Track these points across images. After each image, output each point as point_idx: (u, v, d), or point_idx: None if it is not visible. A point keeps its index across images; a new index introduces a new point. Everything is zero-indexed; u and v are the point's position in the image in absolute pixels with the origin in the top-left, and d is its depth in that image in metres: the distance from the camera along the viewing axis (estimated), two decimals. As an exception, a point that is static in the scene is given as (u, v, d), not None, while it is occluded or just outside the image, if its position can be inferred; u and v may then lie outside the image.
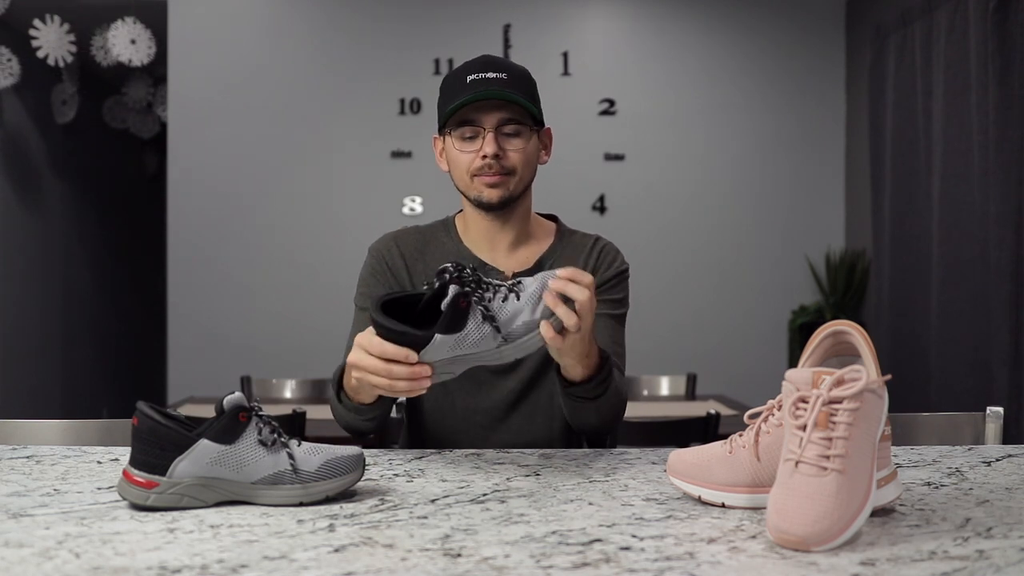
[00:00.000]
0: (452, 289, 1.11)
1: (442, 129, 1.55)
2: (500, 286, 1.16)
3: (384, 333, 1.13)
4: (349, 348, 1.47)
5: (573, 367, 1.33)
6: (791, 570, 0.78)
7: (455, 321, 1.12)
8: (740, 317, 4.83)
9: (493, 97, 1.47)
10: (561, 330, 1.16)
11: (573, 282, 1.16)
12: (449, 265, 1.13)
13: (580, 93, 4.78)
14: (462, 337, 1.12)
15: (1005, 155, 3.42)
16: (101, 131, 6.04)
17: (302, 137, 4.74)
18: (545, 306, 1.15)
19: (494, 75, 1.49)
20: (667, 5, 4.84)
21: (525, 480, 1.15)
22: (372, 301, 1.15)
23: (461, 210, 1.64)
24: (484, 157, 1.49)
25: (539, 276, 1.18)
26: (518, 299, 1.15)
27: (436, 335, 1.11)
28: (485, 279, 1.15)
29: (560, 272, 1.17)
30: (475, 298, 1.13)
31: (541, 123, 1.57)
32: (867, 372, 0.89)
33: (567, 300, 1.16)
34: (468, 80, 1.49)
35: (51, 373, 5.66)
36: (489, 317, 1.13)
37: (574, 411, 1.42)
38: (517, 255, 1.59)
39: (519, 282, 1.17)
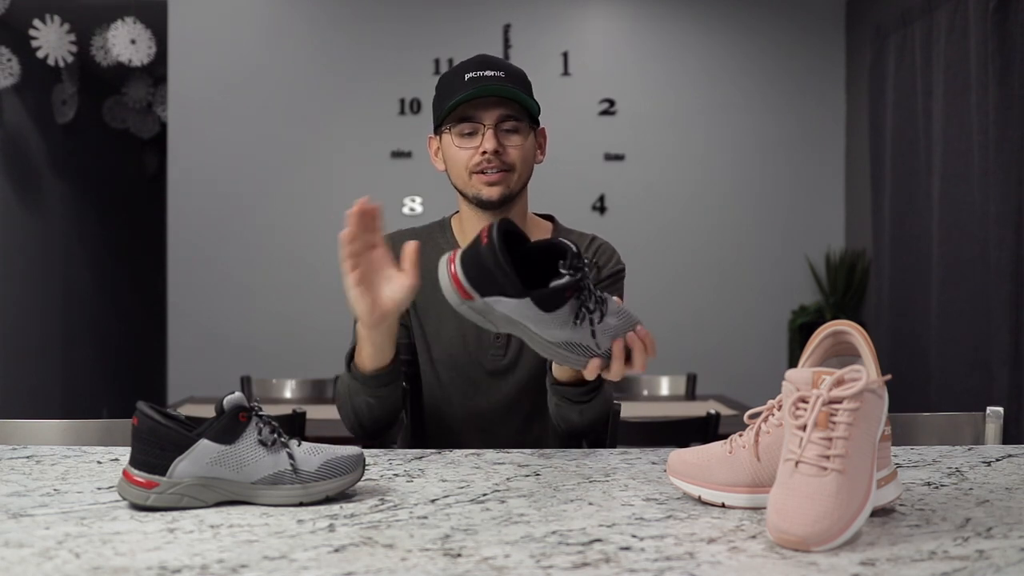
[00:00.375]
0: (569, 276, 1.09)
1: (439, 128, 1.55)
2: (600, 299, 1.15)
3: (489, 254, 1.07)
4: (348, 349, 1.48)
5: (566, 371, 1.36)
6: (791, 570, 0.78)
7: (551, 302, 1.10)
8: (740, 317, 4.83)
9: (493, 94, 1.48)
10: (600, 372, 1.18)
11: (645, 353, 1.19)
12: (572, 246, 1.11)
13: (580, 93, 4.78)
14: (542, 316, 1.11)
15: (1005, 155, 3.42)
16: (101, 131, 6.04)
17: (302, 137, 4.74)
18: (609, 348, 1.17)
19: (492, 73, 1.50)
20: (667, 5, 4.84)
21: (525, 480, 1.15)
22: (498, 221, 1.09)
23: (457, 211, 1.64)
24: (484, 153, 1.49)
25: (623, 311, 1.19)
26: (600, 320, 1.15)
27: (529, 299, 1.09)
28: (592, 288, 1.14)
29: (642, 330, 1.19)
30: (583, 296, 1.12)
31: (537, 121, 1.57)
32: (867, 372, 0.89)
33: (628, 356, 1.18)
34: (466, 78, 1.49)
35: (51, 373, 5.66)
36: (582, 319, 1.12)
37: (558, 409, 1.44)
38: None
39: (606, 300, 1.16)
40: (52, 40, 4.50)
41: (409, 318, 1.60)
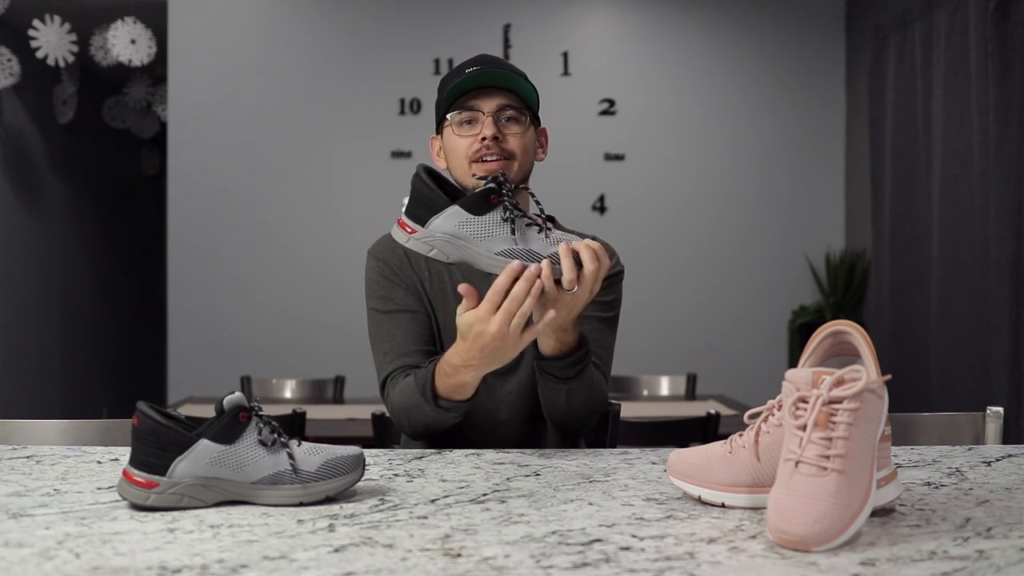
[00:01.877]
0: (490, 184, 1.20)
1: (441, 121, 1.56)
2: (529, 215, 1.24)
3: (419, 186, 1.22)
4: (381, 355, 1.51)
5: (547, 338, 1.38)
6: (791, 570, 0.78)
7: (478, 206, 1.19)
8: (740, 317, 4.83)
9: (493, 82, 1.49)
10: (556, 283, 1.22)
11: (591, 250, 1.23)
12: (500, 173, 1.22)
13: (580, 93, 4.78)
14: (475, 221, 1.19)
15: (1005, 155, 3.42)
16: (101, 131, 6.04)
17: (302, 137, 4.74)
18: (556, 252, 1.22)
19: (493, 68, 1.51)
20: (667, 5, 4.84)
21: (525, 480, 1.15)
22: (421, 166, 1.24)
23: None
24: (483, 140, 1.49)
25: (567, 234, 1.28)
26: (539, 232, 1.23)
27: (455, 205, 1.19)
28: (515, 200, 1.24)
29: (587, 240, 1.25)
30: (507, 202, 1.21)
31: (538, 119, 1.58)
32: (867, 372, 0.89)
33: (577, 263, 1.23)
34: (467, 72, 1.50)
35: (51, 373, 5.66)
36: (510, 220, 1.20)
37: (546, 393, 1.45)
38: None
39: (545, 222, 1.25)
40: (52, 40, 4.50)
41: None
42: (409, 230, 1.21)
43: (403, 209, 1.23)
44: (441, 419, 1.43)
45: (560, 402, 1.44)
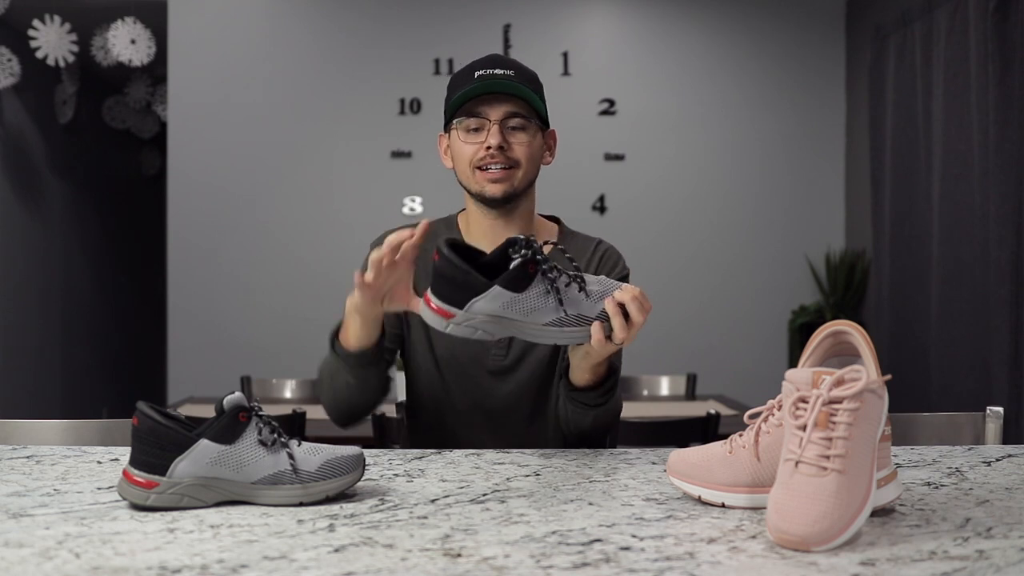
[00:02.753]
0: (524, 253, 1.12)
1: (448, 124, 1.55)
2: (564, 271, 1.17)
3: (445, 266, 1.12)
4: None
5: (583, 373, 1.36)
6: (791, 570, 0.78)
7: (519, 281, 1.12)
8: (740, 317, 4.83)
9: (500, 90, 1.48)
10: (607, 339, 1.19)
11: (638, 301, 1.19)
12: (521, 236, 1.15)
13: (580, 93, 4.78)
14: (519, 299, 1.13)
15: (1005, 155, 3.42)
16: (101, 131, 6.04)
17: (302, 137, 4.74)
18: (603, 310, 1.18)
19: (502, 71, 1.50)
20: (667, 5, 4.84)
21: (525, 480, 1.15)
22: (442, 239, 1.15)
23: (464, 209, 1.64)
24: (488, 148, 1.49)
25: (602, 279, 1.21)
26: (579, 290, 1.17)
27: (496, 286, 1.12)
28: (551, 261, 1.16)
29: (627, 287, 1.20)
30: (544, 268, 1.14)
31: (546, 123, 1.57)
32: (867, 372, 0.89)
33: (625, 314, 1.18)
34: (476, 75, 1.50)
35: (51, 373, 5.66)
36: (555, 291, 1.14)
37: (571, 415, 1.45)
38: None
39: (582, 276, 1.19)
40: (52, 40, 4.50)
41: (408, 315, 1.59)
42: (444, 315, 1.12)
43: (430, 292, 1.14)
44: (338, 381, 1.46)
45: (586, 424, 1.45)
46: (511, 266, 1.12)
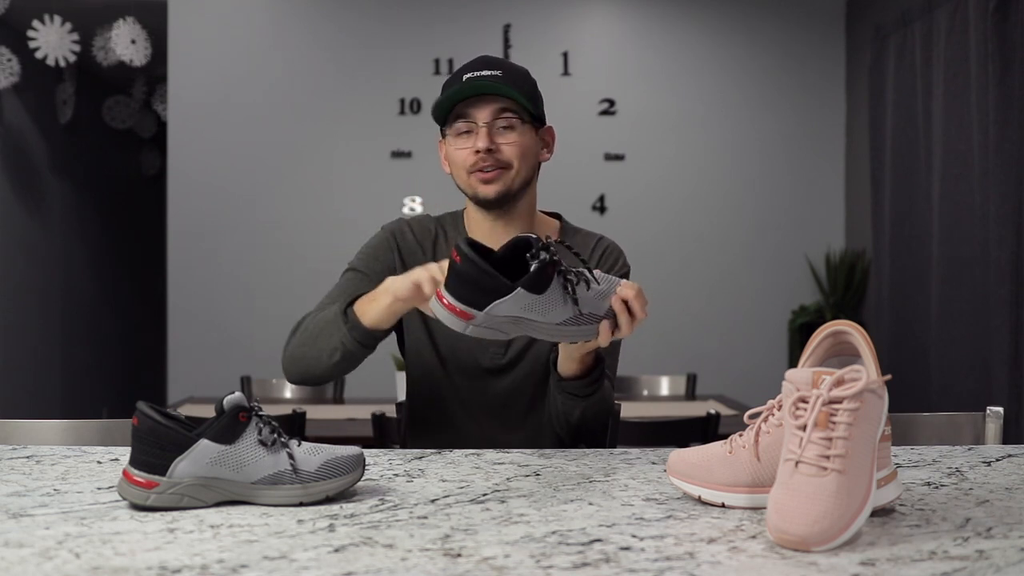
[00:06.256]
0: (543, 257, 1.13)
1: (442, 130, 1.56)
2: (576, 270, 1.19)
3: (468, 268, 1.11)
4: (329, 300, 1.52)
5: (572, 363, 1.39)
6: (791, 570, 0.78)
7: (539, 284, 1.14)
8: (740, 317, 4.83)
9: (482, 91, 1.48)
10: (612, 333, 1.21)
11: (642, 300, 1.22)
12: (533, 236, 1.16)
13: (580, 93, 4.78)
14: (539, 300, 1.14)
15: (1005, 155, 3.42)
16: (101, 131, 6.04)
17: (302, 137, 4.74)
18: (611, 308, 1.21)
19: (489, 72, 1.50)
20: (667, 5, 4.84)
21: (525, 480, 1.15)
22: (462, 239, 1.14)
23: (465, 208, 1.65)
24: (478, 152, 1.49)
25: (607, 276, 1.23)
26: (588, 289, 1.19)
27: (519, 288, 1.12)
28: (563, 262, 1.18)
29: (627, 283, 1.23)
30: (562, 269, 1.16)
31: (540, 120, 1.57)
32: (867, 372, 0.89)
33: (628, 311, 1.21)
34: (464, 78, 1.50)
35: (51, 373, 5.66)
36: (571, 292, 1.16)
37: (560, 406, 1.46)
38: None
39: (592, 273, 1.21)
40: (52, 40, 4.50)
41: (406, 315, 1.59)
42: (465, 316, 1.12)
43: (444, 290, 1.13)
44: (332, 333, 1.41)
45: (575, 416, 1.46)
46: (531, 268, 1.13)
